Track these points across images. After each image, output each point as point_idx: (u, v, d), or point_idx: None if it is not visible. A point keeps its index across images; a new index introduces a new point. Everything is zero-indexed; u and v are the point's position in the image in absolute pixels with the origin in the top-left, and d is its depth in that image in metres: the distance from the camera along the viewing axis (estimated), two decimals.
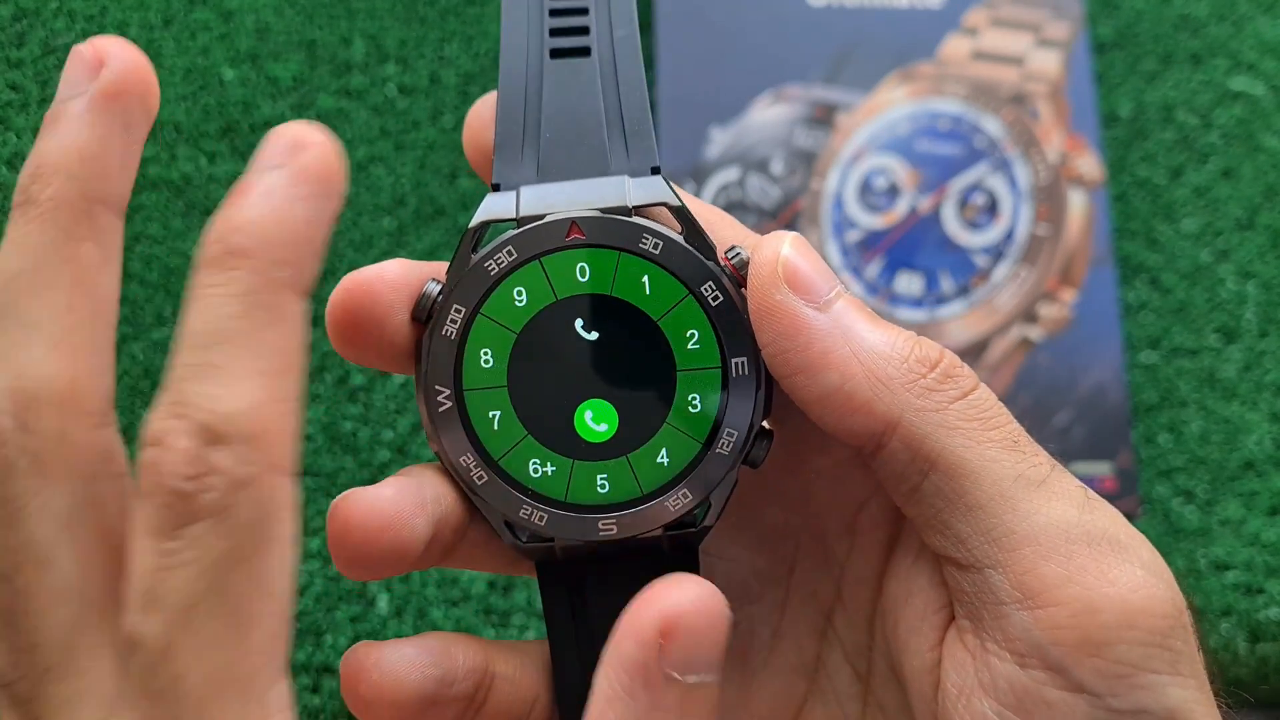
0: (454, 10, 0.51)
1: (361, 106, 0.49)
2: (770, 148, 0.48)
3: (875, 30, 0.50)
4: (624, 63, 0.24)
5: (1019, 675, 0.20)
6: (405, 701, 0.22)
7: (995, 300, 0.47)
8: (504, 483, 0.22)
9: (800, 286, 0.21)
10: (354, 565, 0.22)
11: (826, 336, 0.21)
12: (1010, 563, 0.21)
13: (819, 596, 0.25)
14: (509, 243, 0.22)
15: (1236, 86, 0.53)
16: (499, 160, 0.23)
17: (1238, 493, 0.48)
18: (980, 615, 0.21)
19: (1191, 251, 0.51)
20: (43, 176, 0.20)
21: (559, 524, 0.22)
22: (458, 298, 0.22)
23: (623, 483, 0.22)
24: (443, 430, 0.22)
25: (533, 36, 0.24)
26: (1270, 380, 0.49)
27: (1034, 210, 0.48)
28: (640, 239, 0.22)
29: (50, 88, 0.48)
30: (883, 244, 0.48)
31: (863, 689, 0.25)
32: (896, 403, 0.21)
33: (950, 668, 0.22)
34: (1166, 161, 0.52)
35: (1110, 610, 0.20)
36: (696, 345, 0.22)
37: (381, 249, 0.48)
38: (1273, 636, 0.46)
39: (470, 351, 0.22)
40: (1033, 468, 0.21)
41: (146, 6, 0.50)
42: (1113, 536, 0.21)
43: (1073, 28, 0.50)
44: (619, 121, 0.24)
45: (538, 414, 0.22)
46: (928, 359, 0.21)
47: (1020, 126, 0.49)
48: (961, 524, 0.21)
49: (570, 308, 0.22)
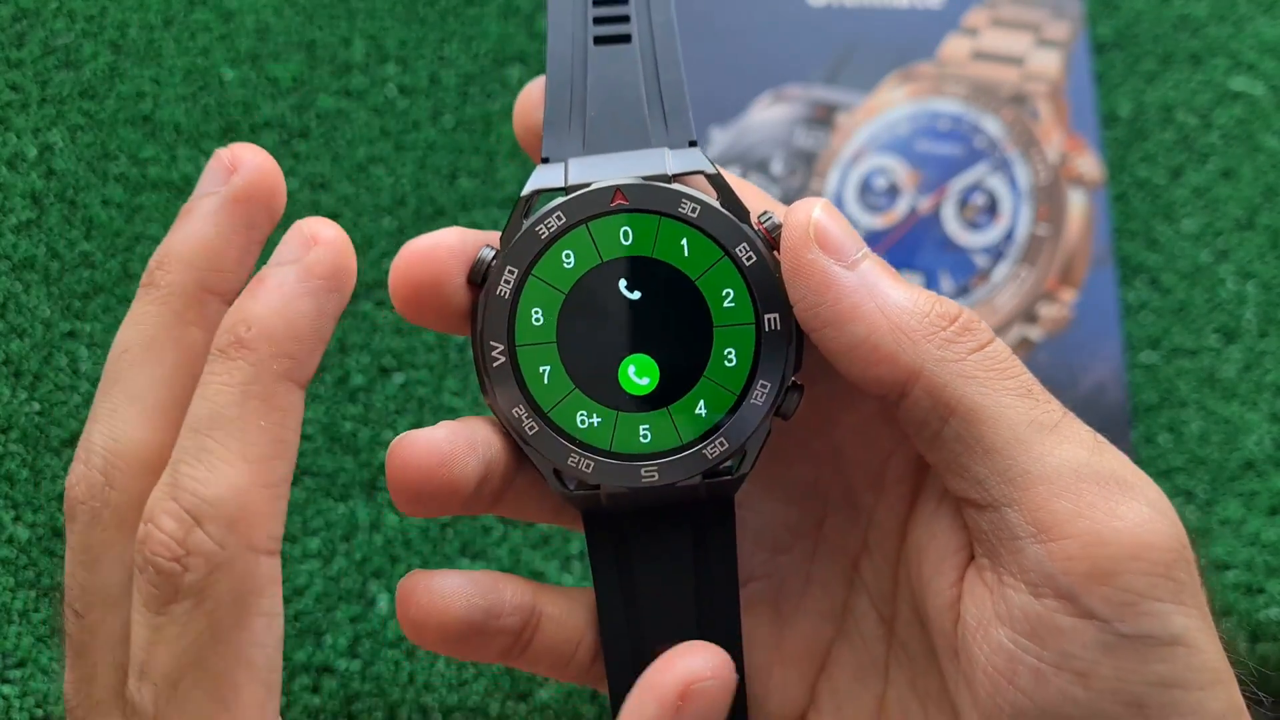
0: (454, 11, 0.51)
1: (361, 107, 0.49)
2: (770, 148, 0.49)
3: (875, 30, 0.50)
4: (662, 46, 0.26)
5: (1033, 604, 0.22)
6: (451, 626, 0.24)
7: (995, 300, 0.47)
8: (553, 433, 0.24)
9: (830, 247, 0.23)
10: (411, 500, 0.24)
11: (854, 292, 0.23)
12: (1025, 500, 0.22)
13: (847, 546, 0.27)
14: (558, 208, 0.24)
15: (1236, 87, 0.53)
16: (548, 136, 0.25)
17: (1237, 493, 0.48)
18: (997, 551, 0.23)
19: (1191, 252, 0.51)
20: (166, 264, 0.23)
21: (605, 471, 0.24)
22: (511, 260, 0.24)
23: (664, 432, 0.24)
24: (497, 383, 0.24)
25: (578, 25, 0.26)
26: (1270, 380, 0.49)
27: (1034, 210, 0.48)
28: (679, 204, 0.24)
29: (50, 88, 0.48)
30: (883, 244, 0.48)
31: (887, 631, 0.26)
32: (918, 353, 0.22)
33: (969, 602, 0.23)
34: (1166, 162, 0.52)
35: (1118, 542, 0.21)
36: (732, 303, 0.24)
37: (382, 249, 0.48)
38: (1273, 636, 0.46)
39: (522, 310, 0.24)
40: (1045, 414, 0.23)
41: (147, 7, 0.50)
42: (1120, 476, 0.22)
43: (1072, 28, 0.50)
44: (658, 100, 0.25)
45: (585, 368, 0.24)
46: (947, 314, 0.23)
47: (1020, 127, 0.49)
48: (979, 466, 0.22)
49: (614, 269, 0.24)
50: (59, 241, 0.46)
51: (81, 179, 0.47)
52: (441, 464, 0.23)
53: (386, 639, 0.43)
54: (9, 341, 0.45)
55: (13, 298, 0.45)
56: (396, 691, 0.43)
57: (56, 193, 0.47)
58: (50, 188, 0.47)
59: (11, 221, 0.46)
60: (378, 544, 0.44)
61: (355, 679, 0.43)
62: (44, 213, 0.47)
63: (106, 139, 0.48)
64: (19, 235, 0.46)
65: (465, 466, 0.24)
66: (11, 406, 0.44)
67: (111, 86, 0.49)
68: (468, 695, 0.43)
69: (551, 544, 0.45)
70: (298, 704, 0.43)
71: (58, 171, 0.47)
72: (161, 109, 0.48)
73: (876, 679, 0.26)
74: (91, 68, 0.49)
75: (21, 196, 0.47)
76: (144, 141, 0.48)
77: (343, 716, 0.43)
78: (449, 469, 0.23)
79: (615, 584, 0.25)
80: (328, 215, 0.48)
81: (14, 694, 0.41)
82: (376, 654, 0.43)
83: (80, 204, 0.47)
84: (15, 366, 0.45)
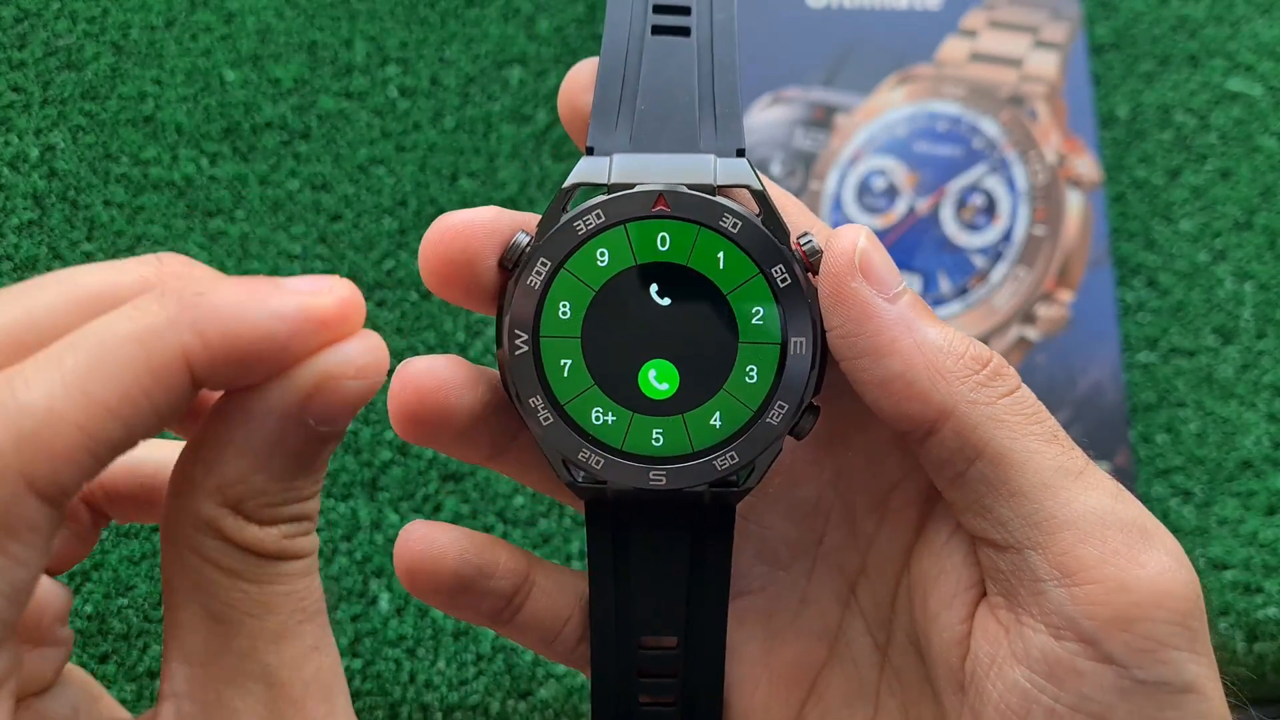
0: (454, 12, 0.51)
1: (362, 108, 0.50)
2: (769, 149, 0.49)
3: (874, 32, 0.50)
4: (720, 45, 0.25)
5: (1053, 646, 0.22)
6: (444, 577, 0.25)
7: (993, 301, 0.48)
8: (567, 426, 0.24)
9: (874, 278, 0.23)
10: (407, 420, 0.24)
11: (894, 326, 0.23)
12: (1050, 545, 0.22)
13: (845, 568, 0.27)
14: (598, 206, 0.24)
15: (1234, 87, 0.53)
16: (595, 126, 0.25)
17: (1235, 492, 0.48)
18: (1016, 592, 0.23)
19: (1189, 252, 0.51)
20: None
21: (614, 469, 0.24)
22: (545, 251, 0.24)
23: (676, 439, 0.24)
24: (517, 372, 0.24)
25: (637, 12, 0.25)
26: (1268, 380, 0.49)
27: (1032, 211, 0.48)
28: (721, 217, 0.24)
29: (52, 89, 0.48)
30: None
31: (880, 658, 0.26)
32: (952, 394, 0.23)
33: (981, 639, 0.24)
34: (1164, 162, 0.52)
35: (1141, 590, 0.22)
36: (760, 321, 0.24)
37: (383, 250, 0.48)
38: (1270, 635, 0.46)
39: (550, 302, 0.24)
40: (1071, 460, 0.23)
41: (148, 8, 0.50)
42: (1141, 525, 0.23)
43: (1070, 29, 0.51)
44: (710, 101, 0.25)
45: (605, 367, 0.24)
46: (981, 357, 0.23)
47: (1018, 128, 0.49)
48: (1004, 508, 0.23)
49: (648, 273, 0.24)
50: (61, 242, 0.47)
51: (83, 180, 0.47)
52: (437, 389, 0.24)
53: (388, 638, 0.44)
54: None
55: None
56: (398, 690, 0.43)
57: (58, 193, 0.47)
58: (52, 188, 0.47)
59: (14, 222, 0.47)
60: (379, 543, 0.45)
61: (356, 677, 0.43)
62: (46, 213, 0.47)
63: (108, 140, 0.48)
64: (21, 236, 0.46)
65: (460, 397, 0.24)
66: None
67: (113, 87, 0.49)
68: (469, 694, 0.43)
69: (552, 543, 0.45)
70: None
71: (60, 172, 0.47)
72: (163, 110, 0.49)
73: (866, 704, 0.26)
74: (93, 69, 0.49)
75: (24, 197, 0.47)
76: (146, 142, 0.48)
77: None
78: (444, 395, 0.24)
79: (610, 572, 0.25)
80: (329, 216, 0.48)
81: None
82: (378, 653, 0.43)
83: (82, 205, 0.47)
84: None
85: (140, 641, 0.43)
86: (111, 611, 0.43)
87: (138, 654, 0.43)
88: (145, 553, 0.44)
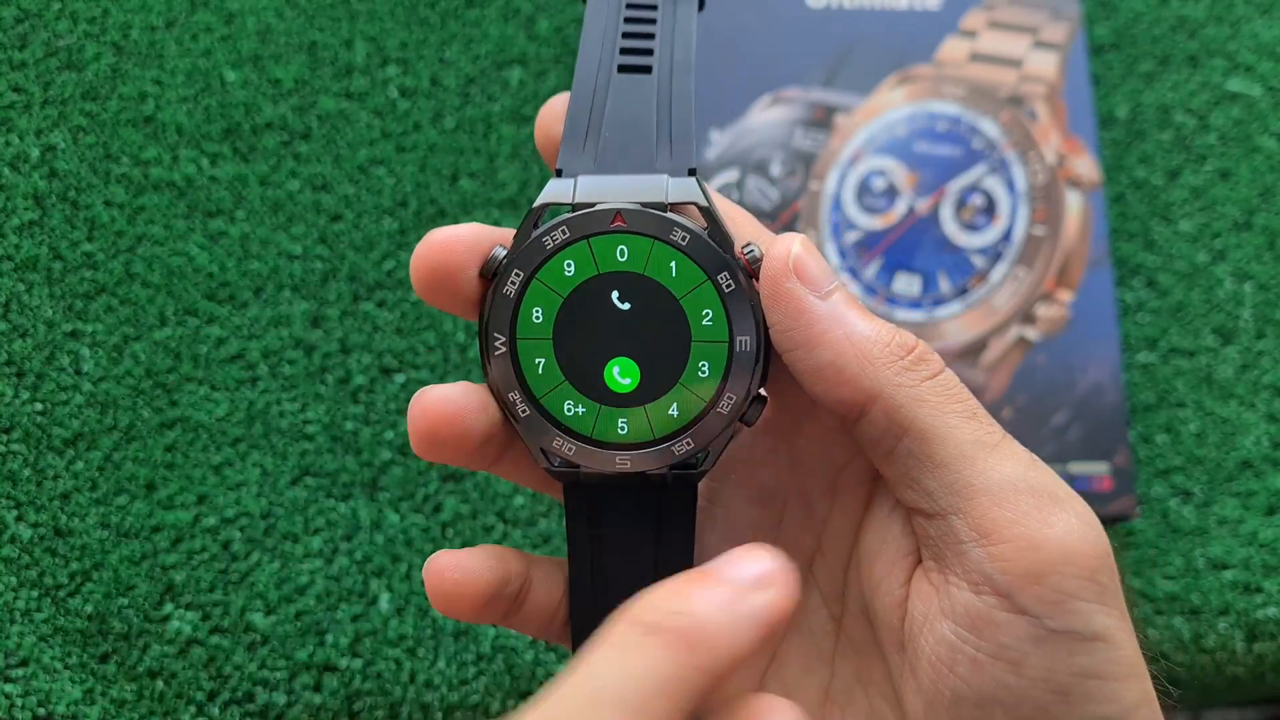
0: (454, 13, 0.51)
1: (363, 109, 0.50)
2: (769, 149, 0.49)
3: (874, 32, 0.50)
4: (678, 81, 0.29)
5: (974, 601, 0.24)
6: (477, 596, 0.27)
7: (993, 301, 0.48)
8: (542, 417, 0.27)
9: (807, 278, 0.26)
10: (427, 444, 0.27)
11: (824, 319, 0.26)
12: (969, 509, 0.25)
13: (802, 546, 0.30)
14: (564, 223, 0.27)
15: (1233, 88, 0.53)
16: (564, 150, 0.28)
17: (1235, 492, 0.48)
18: (943, 554, 0.25)
19: (1188, 252, 0.51)
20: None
21: (585, 455, 0.27)
22: (519, 264, 0.27)
23: (639, 427, 0.27)
24: (497, 370, 0.27)
25: (606, 51, 0.29)
26: (1267, 380, 0.49)
27: (1031, 211, 0.48)
28: (672, 231, 0.26)
29: (53, 89, 0.49)
30: (881, 245, 0.48)
31: (835, 627, 0.29)
32: (879, 378, 0.25)
33: (916, 600, 0.26)
34: (1163, 163, 0.52)
35: (1049, 548, 0.24)
36: (710, 322, 0.27)
37: (384, 250, 0.48)
38: (1270, 635, 0.46)
39: (525, 308, 0.27)
40: (988, 434, 0.25)
41: (149, 8, 0.50)
42: (1052, 491, 0.25)
43: (1070, 30, 0.51)
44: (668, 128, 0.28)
45: (575, 364, 0.27)
46: (905, 345, 0.26)
47: (1018, 128, 0.49)
48: (929, 479, 0.25)
49: (609, 281, 0.27)
50: (61, 242, 0.47)
51: (84, 180, 0.48)
52: (457, 415, 0.26)
53: (388, 638, 0.44)
54: (11, 341, 0.45)
55: (15, 298, 0.46)
56: (398, 690, 0.43)
57: (59, 193, 0.47)
58: (53, 188, 0.47)
59: (14, 222, 0.47)
60: (379, 543, 0.45)
61: (357, 677, 0.43)
62: (46, 213, 0.47)
63: (109, 140, 0.48)
64: (22, 236, 0.46)
65: (475, 421, 0.27)
66: (14, 406, 0.44)
67: (114, 88, 0.49)
68: (468, 694, 0.43)
69: (552, 543, 0.45)
70: (300, 702, 0.43)
71: (60, 172, 0.47)
72: (164, 110, 0.49)
73: (823, 669, 0.29)
74: (94, 69, 0.49)
75: (24, 197, 0.47)
76: (146, 143, 0.48)
77: (344, 715, 0.43)
78: (461, 420, 0.26)
79: (586, 547, 0.28)
80: (329, 216, 0.48)
81: (16, 692, 0.41)
82: (378, 652, 0.43)
83: (83, 205, 0.47)
84: (18, 366, 0.45)
85: (140, 641, 0.43)
86: (111, 611, 0.43)
87: (138, 654, 0.43)
88: (145, 553, 0.44)
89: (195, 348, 0.46)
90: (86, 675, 0.42)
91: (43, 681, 0.41)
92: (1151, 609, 0.47)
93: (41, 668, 0.42)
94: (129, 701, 0.42)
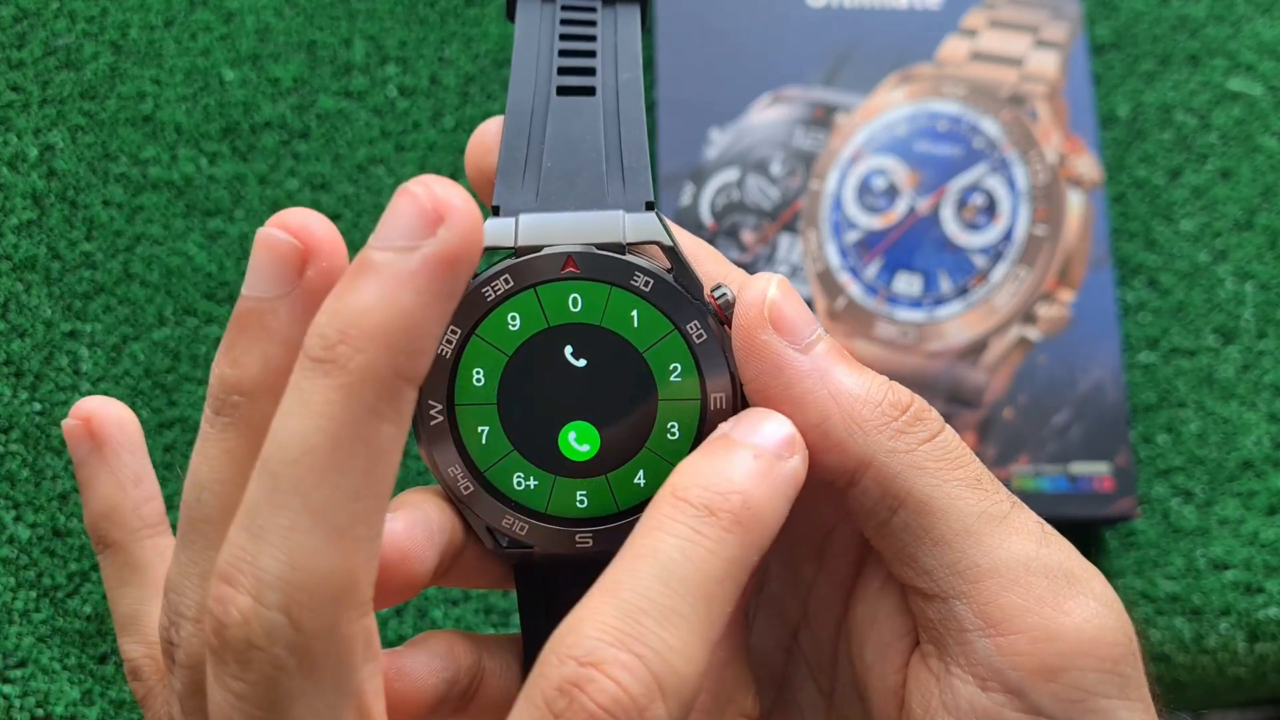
0: (454, 12, 0.51)
1: (362, 108, 0.50)
2: (769, 149, 0.49)
3: (874, 32, 0.50)
4: (626, 104, 0.25)
5: (980, 698, 0.22)
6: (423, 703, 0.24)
7: (994, 300, 0.47)
8: (489, 493, 0.23)
9: (784, 328, 0.23)
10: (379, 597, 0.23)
11: (807, 377, 0.22)
12: (974, 594, 0.22)
13: (787, 615, 0.27)
14: (506, 271, 0.23)
15: (1234, 87, 0.53)
16: (500, 184, 0.24)
17: (1236, 492, 0.48)
18: (945, 641, 0.23)
19: (1190, 252, 0.51)
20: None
21: (539, 534, 0.24)
22: (454, 320, 0.23)
23: (601, 499, 0.23)
24: (433, 443, 0.23)
25: (542, 72, 0.25)
26: (1268, 380, 0.49)
27: (1032, 211, 0.48)
28: (632, 276, 0.23)
29: (51, 88, 0.48)
30: (881, 244, 0.48)
31: (826, 704, 0.26)
32: (870, 444, 0.22)
33: (915, 689, 0.23)
34: (1164, 162, 0.52)
35: (1066, 639, 0.21)
36: (678, 378, 0.23)
37: None
38: (1271, 636, 0.46)
39: (463, 370, 0.23)
40: (994, 505, 0.23)
41: (148, 7, 0.50)
42: (1068, 570, 0.22)
43: (1071, 29, 0.50)
44: (618, 157, 0.24)
45: (524, 431, 0.23)
46: (899, 403, 0.23)
47: (1019, 127, 0.49)
48: (928, 557, 0.22)
49: (561, 335, 0.23)
50: (60, 242, 0.46)
51: (82, 179, 0.47)
52: (402, 561, 0.23)
53: (387, 638, 0.43)
54: (10, 341, 0.45)
55: (14, 298, 0.46)
56: None
57: (58, 193, 0.47)
58: (51, 188, 0.47)
59: (13, 222, 0.47)
60: None
61: None
62: (45, 213, 0.47)
63: (107, 139, 0.48)
64: (20, 235, 0.46)
65: (424, 561, 0.23)
66: (12, 406, 0.44)
67: (112, 87, 0.49)
68: None
69: None
70: None
71: (59, 172, 0.47)
72: (162, 109, 0.49)
73: None
74: (92, 68, 0.49)
75: (23, 197, 0.47)
76: (145, 142, 0.48)
77: None
78: (409, 565, 0.23)
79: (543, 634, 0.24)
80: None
81: (15, 693, 0.41)
82: None
83: (81, 204, 0.47)
84: (16, 366, 0.45)
85: None
86: (110, 612, 0.43)
87: None
88: None
89: (194, 348, 0.46)
90: (85, 676, 0.42)
91: (41, 682, 0.41)
92: (1153, 610, 0.47)
93: (40, 668, 0.42)
94: (128, 702, 0.42)
